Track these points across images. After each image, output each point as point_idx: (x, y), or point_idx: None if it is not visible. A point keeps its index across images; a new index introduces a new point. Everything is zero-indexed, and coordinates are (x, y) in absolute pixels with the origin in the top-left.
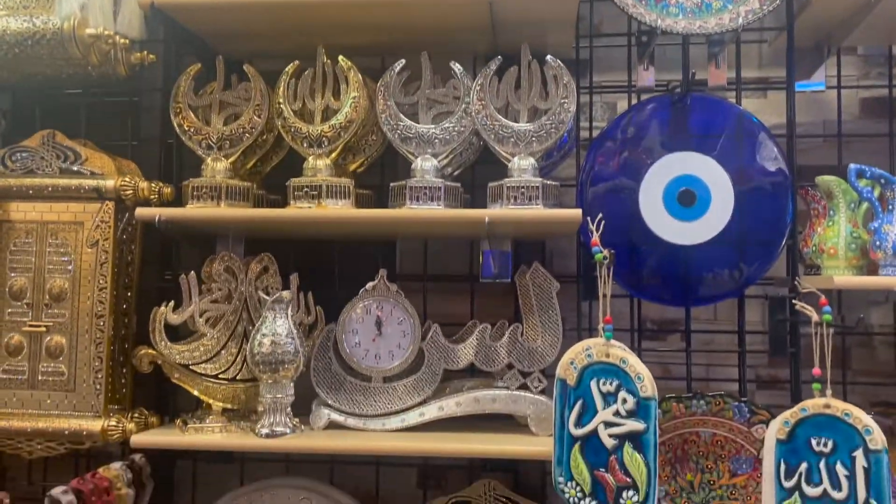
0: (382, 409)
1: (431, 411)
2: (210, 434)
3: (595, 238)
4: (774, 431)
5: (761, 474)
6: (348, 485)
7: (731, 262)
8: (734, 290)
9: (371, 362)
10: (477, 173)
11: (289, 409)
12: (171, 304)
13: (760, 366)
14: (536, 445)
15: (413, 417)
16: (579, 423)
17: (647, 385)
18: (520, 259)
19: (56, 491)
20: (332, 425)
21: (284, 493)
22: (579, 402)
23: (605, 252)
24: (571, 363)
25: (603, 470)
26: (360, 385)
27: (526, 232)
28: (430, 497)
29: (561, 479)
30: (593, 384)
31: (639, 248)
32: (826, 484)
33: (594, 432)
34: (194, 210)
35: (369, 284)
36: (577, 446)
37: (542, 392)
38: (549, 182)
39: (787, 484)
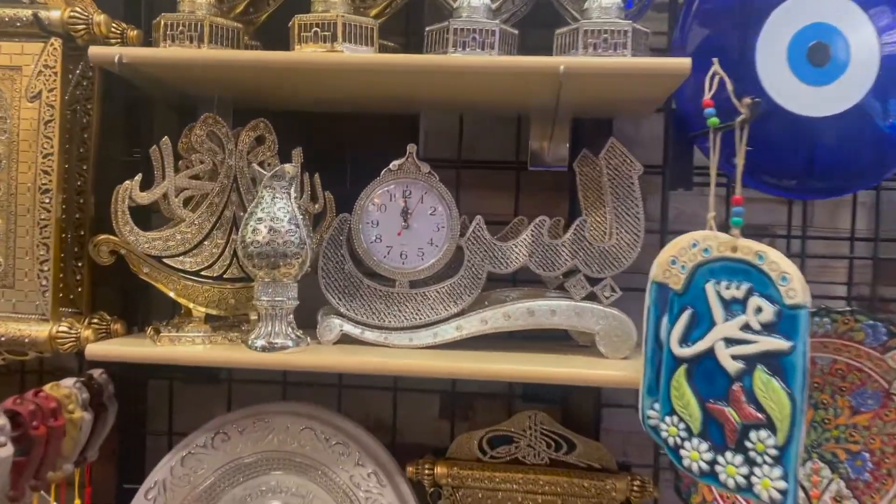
0: (409, 321)
1: (472, 324)
2: (189, 345)
3: (708, 97)
4: None
5: (890, 411)
6: (357, 412)
7: (868, 142)
8: (868, 179)
9: (395, 262)
10: (527, 36)
11: (291, 316)
12: (139, 177)
13: (864, 283)
14: (616, 369)
15: (448, 332)
16: (686, 340)
17: (797, 288)
18: (578, 144)
19: None
20: (345, 339)
21: (282, 422)
22: (687, 313)
23: (748, 101)
24: (673, 262)
25: (720, 402)
26: (380, 290)
27: (603, 96)
28: (457, 430)
29: (653, 413)
30: (710, 288)
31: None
32: None
33: (709, 352)
34: (166, 51)
35: (395, 163)
36: (681, 371)
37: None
38: (639, 27)
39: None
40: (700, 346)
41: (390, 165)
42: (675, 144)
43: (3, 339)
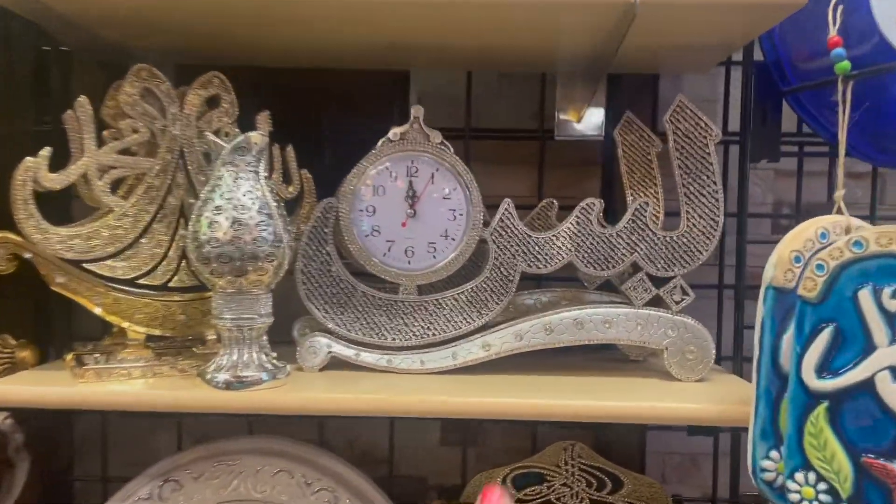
0: (419, 338)
1: (503, 341)
2: (123, 381)
3: (833, 32)
4: None
5: None
6: (340, 439)
7: None
8: None
9: (399, 262)
10: None
11: (264, 338)
12: (48, 153)
13: None
14: (704, 400)
15: (472, 351)
16: (828, 368)
17: None
18: (615, 111)
19: None
20: (334, 363)
21: (250, 463)
22: (827, 331)
23: None
24: (797, 259)
25: (884, 456)
26: (380, 299)
27: (675, 39)
28: (469, 463)
29: (769, 464)
30: (865, 297)
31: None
32: None
33: (865, 386)
34: None
35: (395, 131)
36: (821, 410)
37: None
38: None
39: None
40: (851, 378)
41: (389, 134)
42: (758, 104)
43: None
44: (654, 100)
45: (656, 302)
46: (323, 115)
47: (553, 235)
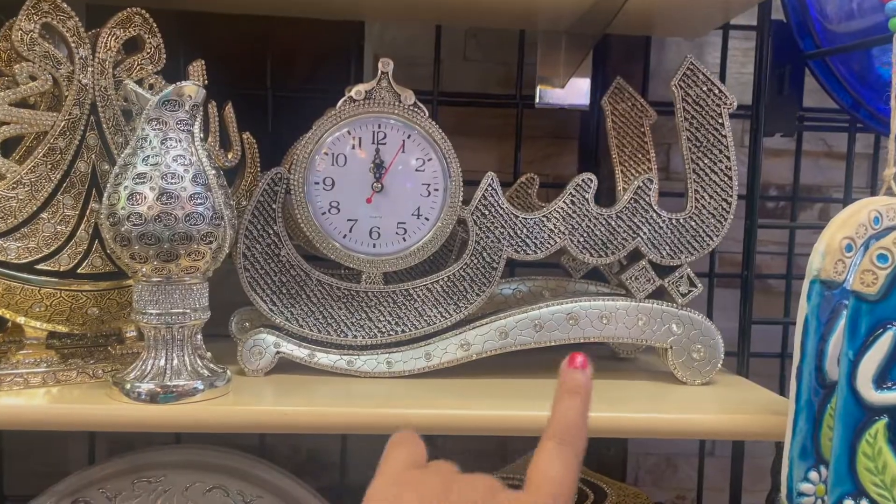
0: (386, 335)
1: (485, 339)
2: (19, 392)
3: None
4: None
5: None
6: (283, 443)
7: None
8: None
9: (363, 244)
10: None
11: (198, 337)
12: None
13: None
14: (725, 410)
15: (449, 351)
16: (888, 377)
17: None
18: (601, 81)
19: None
20: (284, 365)
21: (177, 480)
22: (889, 334)
23: None
24: (849, 247)
25: None
26: (339, 289)
27: None
28: None
29: (808, 488)
30: None
31: None
32: None
33: None
34: None
35: (359, 88)
36: (879, 427)
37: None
38: None
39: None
40: None
41: (352, 92)
42: (775, 70)
43: None
44: (646, 66)
45: (655, 294)
46: (265, 69)
47: (544, 216)
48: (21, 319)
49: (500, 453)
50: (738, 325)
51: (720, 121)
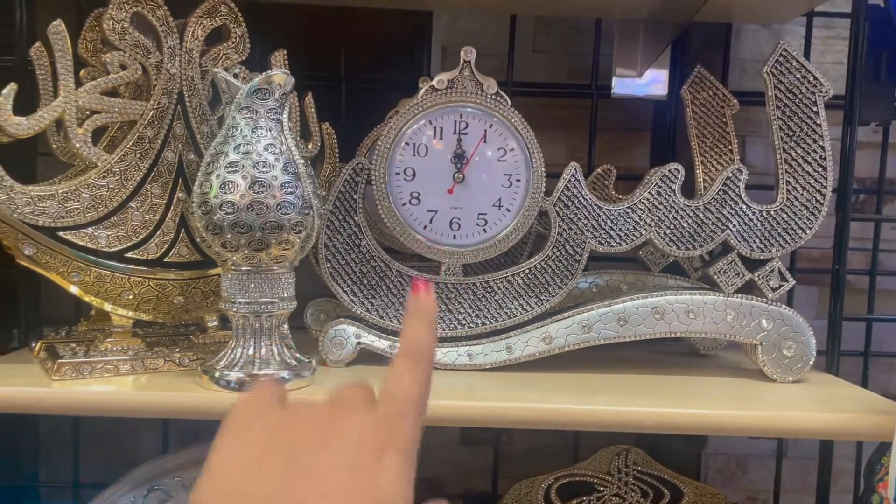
0: (465, 327)
1: (567, 333)
2: (108, 380)
3: None
4: None
5: None
6: None
7: None
8: None
9: (443, 235)
10: None
11: (285, 327)
12: (12, 91)
13: None
14: (830, 409)
15: (531, 344)
16: None
17: None
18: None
19: None
20: (364, 356)
21: None
22: None
23: None
24: None
25: None
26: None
27: None
28: (502, 474)
29: None
30: None
31: None
32: None
33: None
34: None
35: (441, 77)
36: None
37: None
38: None
39: None
40: None
41: (434, 81)
42: (871, 56)
43: None
44: (725, 54)
45: (743, 289)
46: (337, 59)
47: (629, 208)
48: (109, 307)
49: (573, 448)
50: (828, 321)
51: (814, 109)
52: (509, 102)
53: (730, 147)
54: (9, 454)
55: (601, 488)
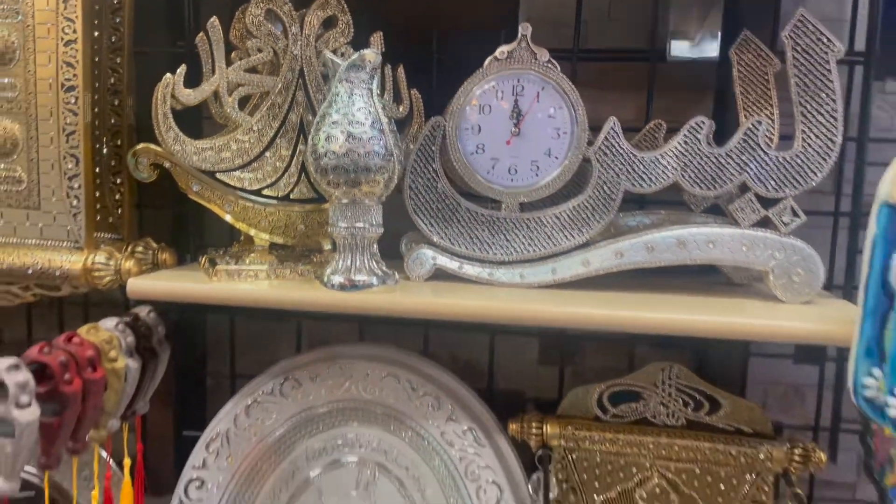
0: (520, 253)
1: (603, 258)
2: (251, 281)
3: None
4: None
5: None
6: (443, 353)
7: None
8: None
9: (503, 179)
10: None
11: (375, 246)
12: (183, 70)
13: None
14: (805, 319)
15: (571, 267)
16: None
17: None
18: (733, 31)
19: (1, 365)
20: (439, 274)
21: (360, 368)
22: None
23: None
24: None
25: None
26: (483, 215)
27: None
28: (567, 379)
29: (871, 382)
30: None
31: None
32: None
33: None
34: None
35: (502, 49)
36: None
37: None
38: None
39: None
40: None
41: (497, 52)
42: (889, 12)
43: (30, 271)
44: (775, 18)
45: (763, 225)
46: (433, 37)
47: (659, 155)
48: (252, 231)
49: (628, 371)
50: (846, 255)
51: (827, 67)
52: (558, 69)
53: (770, 102)
54: (183, 348)
55: (647, 397)
